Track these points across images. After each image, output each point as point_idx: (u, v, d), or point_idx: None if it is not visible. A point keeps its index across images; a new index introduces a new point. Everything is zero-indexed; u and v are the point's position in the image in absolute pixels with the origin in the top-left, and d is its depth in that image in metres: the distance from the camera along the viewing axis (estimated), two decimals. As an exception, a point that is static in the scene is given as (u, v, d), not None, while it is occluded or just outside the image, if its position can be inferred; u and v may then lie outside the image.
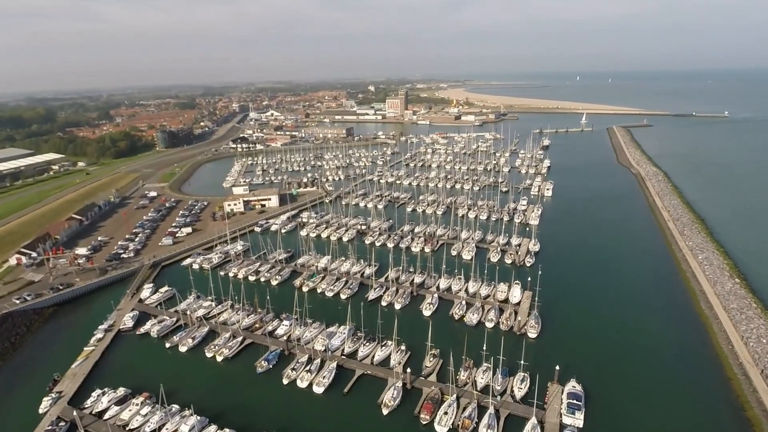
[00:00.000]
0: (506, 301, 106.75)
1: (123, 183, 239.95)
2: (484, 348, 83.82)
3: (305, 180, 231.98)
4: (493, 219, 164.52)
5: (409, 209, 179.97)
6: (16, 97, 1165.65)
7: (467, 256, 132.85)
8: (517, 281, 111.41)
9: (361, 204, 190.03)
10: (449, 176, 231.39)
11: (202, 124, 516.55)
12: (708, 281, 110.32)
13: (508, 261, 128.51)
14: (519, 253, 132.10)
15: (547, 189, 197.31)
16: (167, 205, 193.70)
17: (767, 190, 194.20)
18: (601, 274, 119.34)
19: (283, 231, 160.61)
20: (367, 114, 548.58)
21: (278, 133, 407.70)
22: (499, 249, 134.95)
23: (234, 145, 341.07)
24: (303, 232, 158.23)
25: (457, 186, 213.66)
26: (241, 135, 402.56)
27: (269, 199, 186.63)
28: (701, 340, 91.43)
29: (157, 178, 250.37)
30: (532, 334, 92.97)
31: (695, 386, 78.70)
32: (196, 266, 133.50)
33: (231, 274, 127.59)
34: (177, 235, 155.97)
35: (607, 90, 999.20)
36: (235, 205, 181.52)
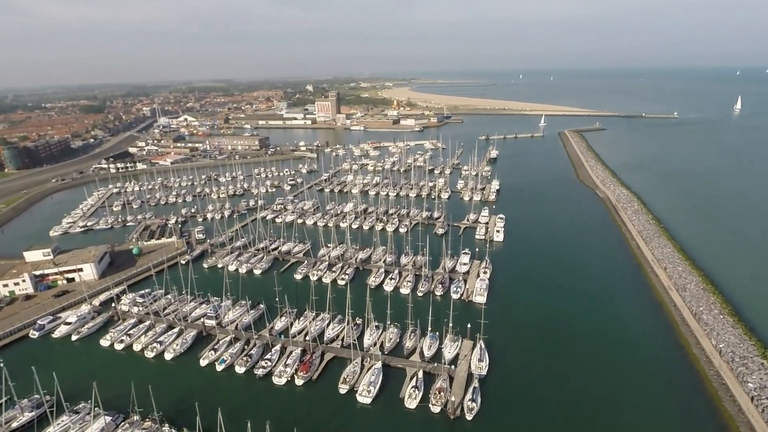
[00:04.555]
0: None
1: None
2: None
3: (172, 222, 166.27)
4: (420, 294, 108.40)
5: (299, 276, 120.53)
6: None
7: (365, 398, 74.96)
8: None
9: (232, 267, 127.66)
10: (370, 209, 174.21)
11: (93, 132, 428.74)
12: (793, 463, 59.52)
13: (436, 408, 72.09)
14: (453, 389, 76.10)
15: (497, 230, 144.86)
16: None
17: (759, 213, 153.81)
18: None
19: (74, 338, 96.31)
20: (296, 118, 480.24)
21: (176, 145, 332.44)
22: (420, 379, 78.03)
23: (105, 165, 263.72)
24: (105, 340, 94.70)
25: (378, 227, 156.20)
26: (126, 149, 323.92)
27: (80, 270, 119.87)
28: None
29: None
30: None
31: None
32: None
33: None
34: None
35: (551, 88, 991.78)
36: (16, 284, 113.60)
